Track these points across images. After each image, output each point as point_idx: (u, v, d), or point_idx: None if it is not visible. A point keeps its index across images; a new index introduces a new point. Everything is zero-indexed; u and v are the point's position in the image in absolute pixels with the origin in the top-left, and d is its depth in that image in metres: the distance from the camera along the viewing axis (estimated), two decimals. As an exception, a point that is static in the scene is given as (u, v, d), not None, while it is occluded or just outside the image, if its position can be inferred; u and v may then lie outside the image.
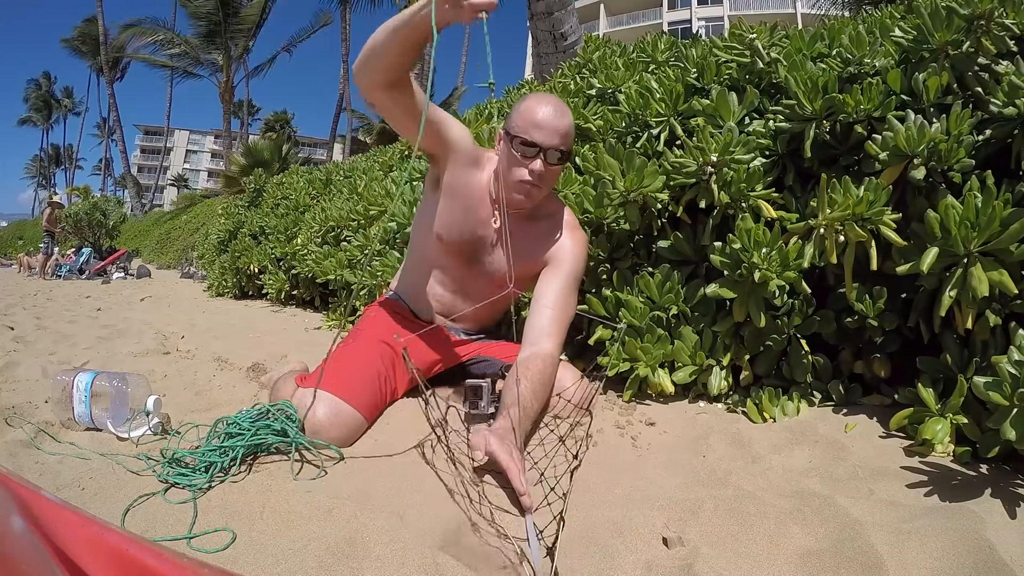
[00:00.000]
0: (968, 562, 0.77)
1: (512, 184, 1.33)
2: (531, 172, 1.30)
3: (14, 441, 1.18)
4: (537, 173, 1.31)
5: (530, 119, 1.30)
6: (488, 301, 1.44)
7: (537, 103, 1.32)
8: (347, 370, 1.32)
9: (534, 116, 1.30)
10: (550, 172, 1.34)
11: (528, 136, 1.29)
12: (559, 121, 1.30)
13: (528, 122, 1.30)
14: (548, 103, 1.32)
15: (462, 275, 1.48)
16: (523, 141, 1.29)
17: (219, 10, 21.24)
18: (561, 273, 1.40)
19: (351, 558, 0.81)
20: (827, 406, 1.35)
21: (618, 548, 0.84)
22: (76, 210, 11.11)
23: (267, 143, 16.44)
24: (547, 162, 1.31)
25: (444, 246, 1.45)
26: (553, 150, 1.30)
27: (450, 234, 1.43)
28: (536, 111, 1.30)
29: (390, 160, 4.14)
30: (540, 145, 1.29)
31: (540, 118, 1.29)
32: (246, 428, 1.12)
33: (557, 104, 1.33)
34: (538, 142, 1.29)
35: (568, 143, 1.33)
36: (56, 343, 2.52)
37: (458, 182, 1.40)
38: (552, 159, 1.31)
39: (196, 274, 8.17)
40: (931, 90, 1.29)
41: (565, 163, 1.36)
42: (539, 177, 1.31)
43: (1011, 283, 1.05)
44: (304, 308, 3.97)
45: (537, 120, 1.29)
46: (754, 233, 1.32)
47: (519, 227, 1.41)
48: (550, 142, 1.29)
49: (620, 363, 1.49)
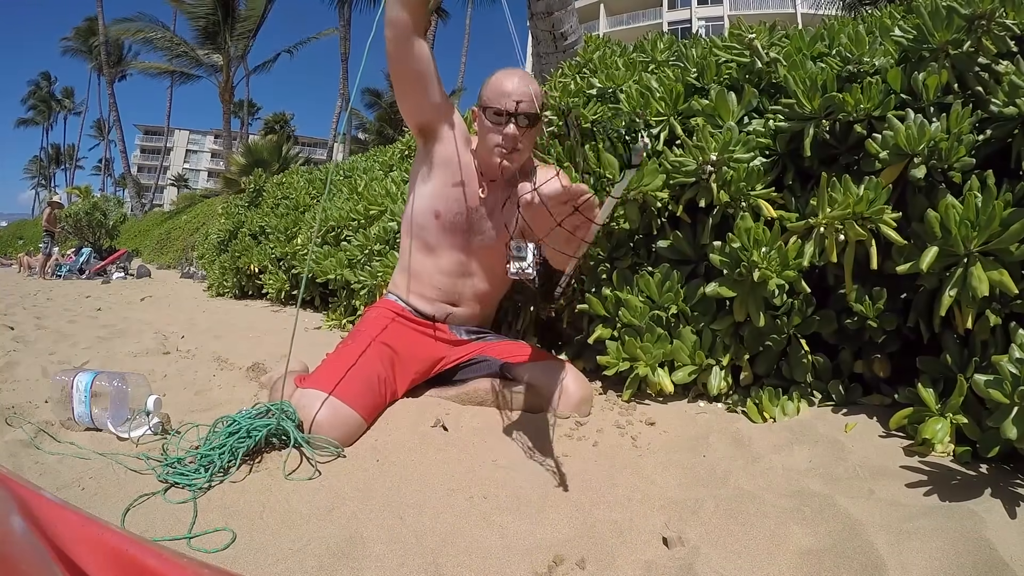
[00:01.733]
0: (968, 562, 0.77)
1: (489, 150, 1.44)
2: (504, 136, 1.40)
3: (14, 441, 1.18)
4: (510, 136, 1.40)
5: (497, 89, 1.40)
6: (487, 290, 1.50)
7: (503, 75, 1.43)
8: (346, 371, 1.32)
9: (501, 86, 1.40)
10: (524, 135, 1.42)
11: (497, 105, 1.40)
12: (524, 87, 1.40)
13: (496, 92, 1.40)
14: (513, 74, 1.43)
15: (463, 250, 1.53)
16: (494, 111, 1.40)
17: (217, 10, 21.22)
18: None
19: (351, 558, 0.81)
20: (827, 406, 1.35)
21: (618, 548, 0.84)
22: (76, 210, 11.11)
23: (267, 143, 16.44)
24: (518, 125, 1.40)
25: (442, 223, 1.52)
26: (522, 115, 1.39)
27: (448, 208, 1.51)
28: (502, 82, 1.41)
29: (390, 160, 4.14)
30: (508, 111, 1.39)
31: (506, 87, 1.40)
32: (245, 427, 1.13)
33: (522, 73, 1.43)
34: (506, 108, 1.39)
35: (534, 106, 1.40)
36: (56, 343, 2.52)
37: (452, 156, 1.50)
38: (522, 123, 1.40)
39: (196, 274, 8.17)
40: (931, 89, 1.29)
41: (536, 125, 1.44)
42: (512, 139, 1.40)
43: (1011, 283, 1.05)
44: (304, 308, 3.97)
45: (504, 89, 1.40)
46: (754, 232, 1.32)
47: (506, 192, 1.51)
48: (517, 106, 1.39)
49: (620, 363, 1.49)
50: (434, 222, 1.52)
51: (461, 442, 1.23)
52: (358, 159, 5.44)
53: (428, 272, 1.55)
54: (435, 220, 1.52)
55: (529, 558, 0.81)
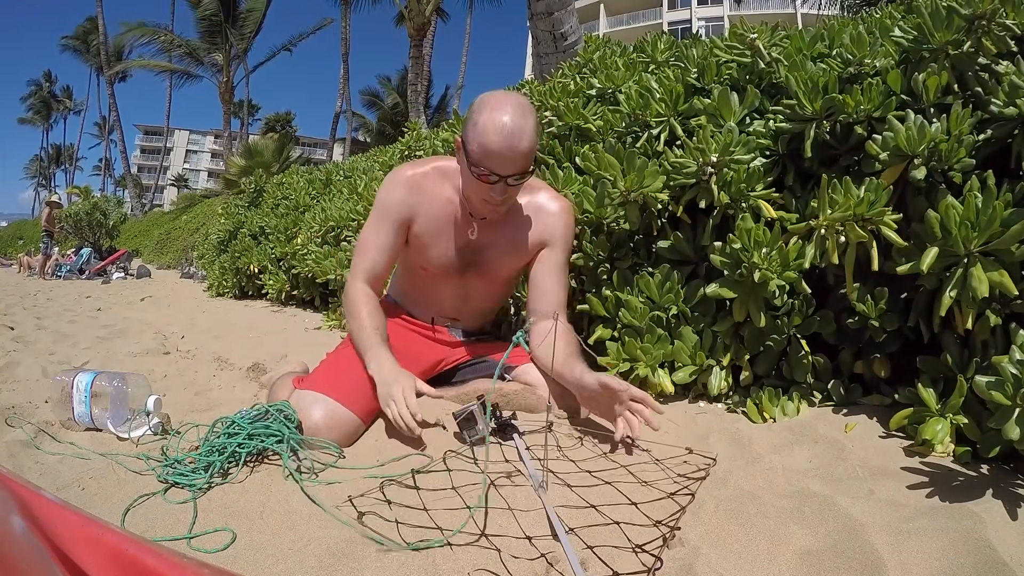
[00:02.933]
0: (968, 562, 0.77)
1: (476, 202, 1.32)
2: (492, 199, 1.27)
3: (14, 441, 1.18)
4: (499, 200, 1.27)
5: (486, 147, 1.19)
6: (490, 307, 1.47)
7: (491, 120, 1.19)
8: (344, 372, 1.32)
9: (489, 145, 1.18)
10: (513, 190, 1.28)
11: (485, 167, 1.21)
12: (516, 146, 1.19)
13: (484, 150, 1.19)
14: (504, 126, 1.18)
15: (459, 284, 1.49)
16: (479, 174, 1.23)
17: (219, 11, 21.24)
18: (555, 259, 1.46)
19: (351, 558, 0.81)
20: (827, 406, 1.35)
21: (618, 548, 0.84)
22: (76, 210, 11.11)
23: (267, 143, 16.44)
24: (508, 185, 1.24)
25: (431, 272, 1.47)
26: (513, 177, 1.23)
27: (436, 261, 1.45)
28: (491, 139, 1.18)
29: (390, 160, 4.14)
30: (498, 175, 1.22)
31: (495, 148, 1.18)
32: (245, 428, 1.12)
33: (515, 122, 1.19)
34: (495, 172, 1.21)
35: (528, 162, 1.24)
36: (56, 343, 2.52)
37: (424, 228, 1.42)
38: (513, 183, 1.25)
39: (196, 274, 8.17)
40: (931, 90, 1.29)
41: (530, 176, 1.30)
42: (503, 202, 1.29)
43: (1011, 283, 1.05)
44: (304, 308, 3.97)
45: (492, 150, 1.19)
46: (754, 233, 1.31)
47: (499, 229, 1.43)
48: (508, 171, 1.22)
49: (620, 363, 1.49)
50: (423, 273, 1.49)
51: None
52: (358, 159, 5.44)
53: (426, 299, 1.55)
54: (423, 271, 1.48)
55: (528, 558, 0.81)
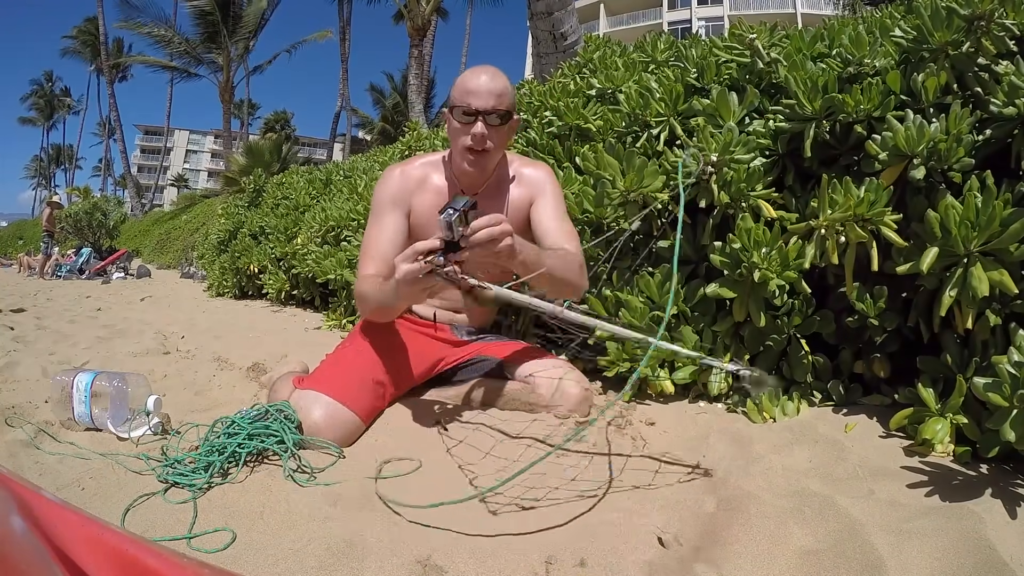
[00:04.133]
0: (968, 562, 0.77)
1: (459, 153, 1.38)
2: (473, 136, 1.34)
3: (14, 441, 1.18)
4: (479, 135, 1.34)
5: (464, 88, 1.35)
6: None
7: (471, 73, 1.37)
8: (344, 372, 1.32)
9: (467, 84, 1.34)
10: (495, 134, 1.36)
11: (465, 103, 1.33)
12: (492, 84, 1.34)
13: (463, 91, 1.35)
14: (481, 71, 1.36)
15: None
16: (462, 110, 1.34)
17: (217, 11, 21.23)
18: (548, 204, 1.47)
19: (351, 558, 0.81)
20: (827, 406, 1.35)
21: (618, 548, 0.84)
22: (76, 210, 11.11)
23: (267, 143, 16.44)
24: (488, 124, 1.34)
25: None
26: (491, 113, 1.33)
27: None
28: (469, 80, 1.35)
29: (390, 160, 4.14)
30: (477, 110, 1.33)
31: (473, 85, 1.34)
32: (245, 428, 1.13)
33: (490, 70, 1.37)
34: (475, 107, 1.33)
35: (505, 103, 1.35)
36: (56, 343, 2.52)
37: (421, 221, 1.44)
38: (492, 121, 1.34)
39: (196, 274, 8.17)
40: (930, 90, 1.29)
41: (508, 123, 1.38)
42: (481, 139, 1.34)
43: (1011, 283, 1.05)
44: (304, 308, 3.97)
45: (470, 87, 1.34)
46: (754, 233, 1.32)
47: (489, 199, 1.45)
48: (486, 104, 1.33)
49: (620, 363, 1.49)
50: None
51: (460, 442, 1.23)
52: (358, 159, 5.44)
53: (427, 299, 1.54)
54: None
55: (528, 558, 0.81)
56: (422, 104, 14.19)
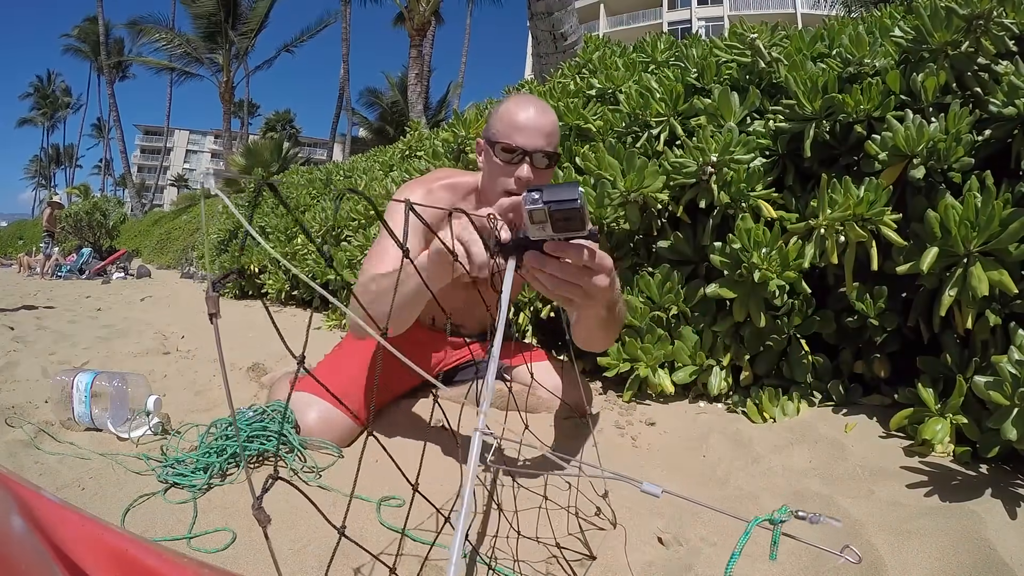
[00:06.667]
0: (968, 562, 0.77)
1: (497, 194, 1.18)
2: (517, 180, 1.17)
3: (14, 441, 1.18)
4: (524, 180, 1.16)
5: (511, 122, 1.17)
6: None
7: (517, 105, 1.19)
8: (340, 374, 1.31)
9: (515, 118, 1.17)
10: (540, 178, 1.20)
11: (510, 140, 1.16)
12: (542, 120, 1.17)
13: (509, 125, 1.17)
14: (529, 102, 1.20)
15: (465, 297, 1.40)
16: (505, 147, 1.17)
17: (219, 11, 21.25)
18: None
19: (351, 558, 0.81)
20: (827, 406, 1.35)
21: (618, 548, 0.84)
22: (76, 210, 11.12)
23: (267, 143, 16.43)
24: (534, 166, 1.18)
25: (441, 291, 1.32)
26: (539, 153, 1.17)
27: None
28: (517, 112, 1.18)
29: (390, 160, 4.14)
30: (524, 149, 1.16)
31: (522, 120, 1.17)
32: (243, 430, 1.13)
33: (538, 104, 1.21)
34: (521, 145, 1.16)
35: (554, 143, 1.20)
36: (56, 343, 2.52)
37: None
38: (539, 163, 1.18)
39: (196, 274, 8.17)
40: (930, 90, 1.29)
41: (553, 167, 1.24)
42: (526, 184, 1.16)
43: (1011, 283, 1.05)
44: (304, 308, 3.97)
45: (518, 122, 1.16)
46: (754, 233, 1.32)
47: None
48: (534, 144, 1.16)
49: (620, 364, 1.49)
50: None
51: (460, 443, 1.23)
52: (358, 159, 5.44)
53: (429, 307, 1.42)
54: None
55: (528, 558, 0.81)
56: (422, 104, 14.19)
